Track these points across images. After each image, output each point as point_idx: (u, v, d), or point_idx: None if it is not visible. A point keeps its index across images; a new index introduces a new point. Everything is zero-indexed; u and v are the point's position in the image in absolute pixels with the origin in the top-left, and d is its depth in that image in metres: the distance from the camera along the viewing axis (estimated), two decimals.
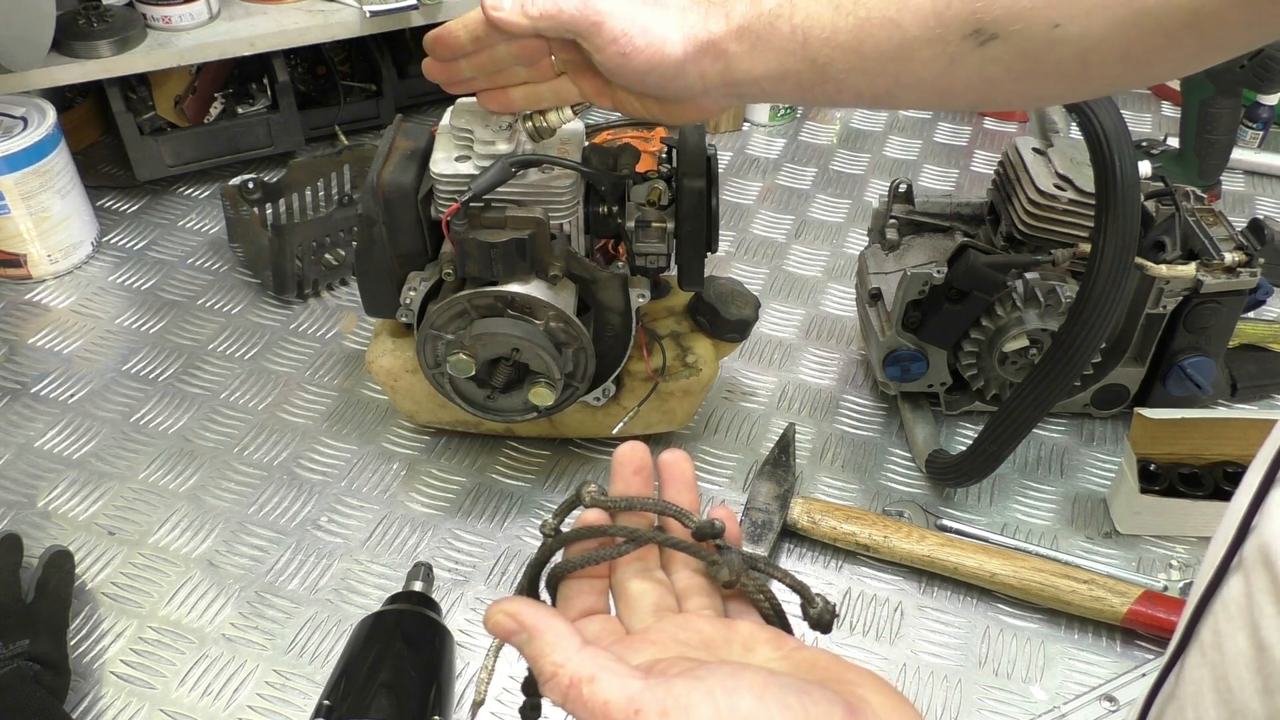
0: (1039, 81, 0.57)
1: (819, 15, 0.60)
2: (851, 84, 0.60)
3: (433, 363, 0.85)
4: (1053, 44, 0.54)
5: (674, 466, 0.51)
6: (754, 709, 0.39)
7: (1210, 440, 0.92)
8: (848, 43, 0.59)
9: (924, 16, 0.56)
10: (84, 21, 1.19)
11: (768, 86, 0.63)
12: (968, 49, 0.56)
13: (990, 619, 0.86)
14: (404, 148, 0.85)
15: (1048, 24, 0.54)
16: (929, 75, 0.58)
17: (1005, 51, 0.55)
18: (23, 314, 1.15)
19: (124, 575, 0.88)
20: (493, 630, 0.45)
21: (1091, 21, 0.53)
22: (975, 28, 0.55)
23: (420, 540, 0.92)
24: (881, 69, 0.58)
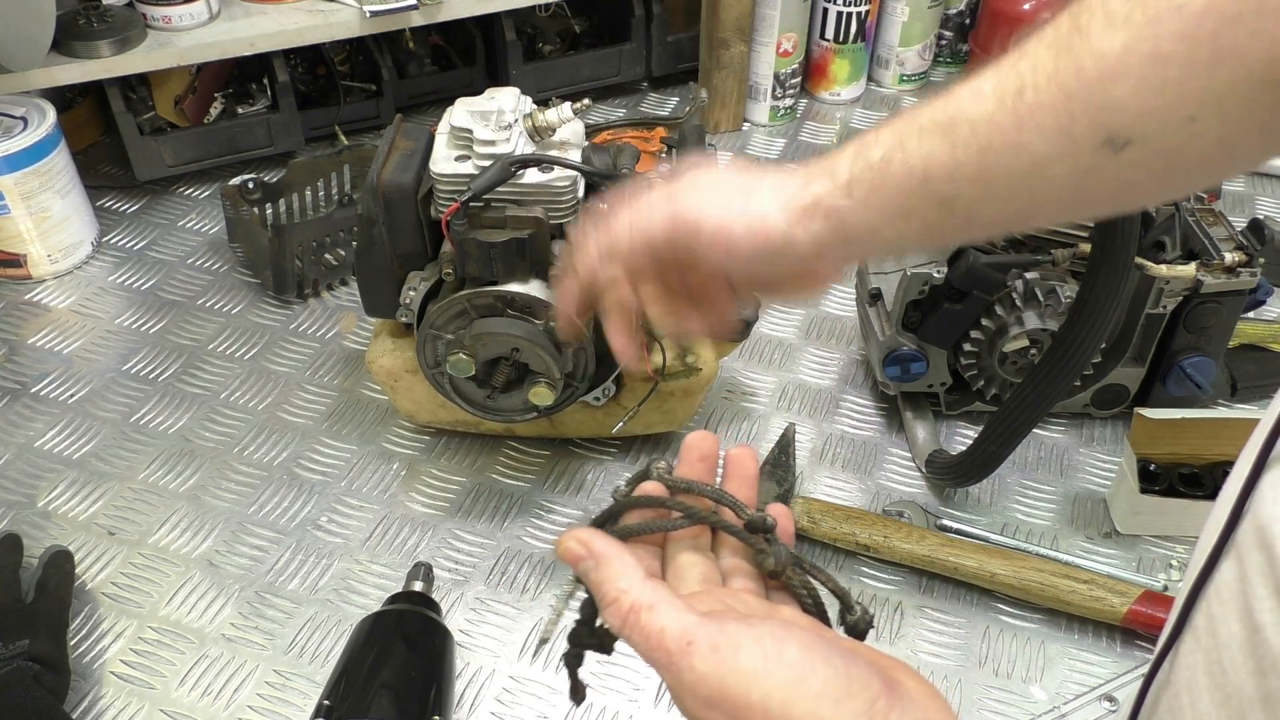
0: (1182, 176, 0.53)
1: (936, 152, 0.56)
2: (984, 214, 0.56)
3: (433, 363, 0.85)
4: (1191, 137, 0.51)
5: (739, 461, 0.54)
6: (800, 660, 0.42)
7: (1210, 440, 0.92)
8: (973, 174, 0.55)
9: (1050, 134, 0.53)
10: (84, 21, 1.19)
11: (889, 235, 0.57)
12: (1103, 159, 0.52)
13: (990, 619, 0.86)
14: (404, 148, 0.85)
15: (1183, 118, 0.50)
16: (1064, 191, 0.54)
17: (1143, 154, 0.52)
18: (23, 314, 1.15)
19: (124, 575, 0.88)
20: (562, 555, 0.48)
21: (1226, 106, 0.50)
22: (1107, 136, 0.52)
23: (420, 540, 0.92)
24: (1013, 193, 0.54)
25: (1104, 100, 0.51)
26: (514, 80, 1.40)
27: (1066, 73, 0.52)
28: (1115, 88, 0.51)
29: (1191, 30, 0.49)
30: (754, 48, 1.43)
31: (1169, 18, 0.50)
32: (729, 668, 0.42)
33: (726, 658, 0.42)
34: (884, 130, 0.57)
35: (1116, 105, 0.51)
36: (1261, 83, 0.49)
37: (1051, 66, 0.53)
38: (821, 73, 1.52)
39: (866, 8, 1.45)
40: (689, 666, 0.42)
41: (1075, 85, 0.52)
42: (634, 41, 1.48)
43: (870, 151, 0.57)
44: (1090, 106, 0.52)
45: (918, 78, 1.57)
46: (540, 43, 1.51)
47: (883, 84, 1.58)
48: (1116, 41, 0.51)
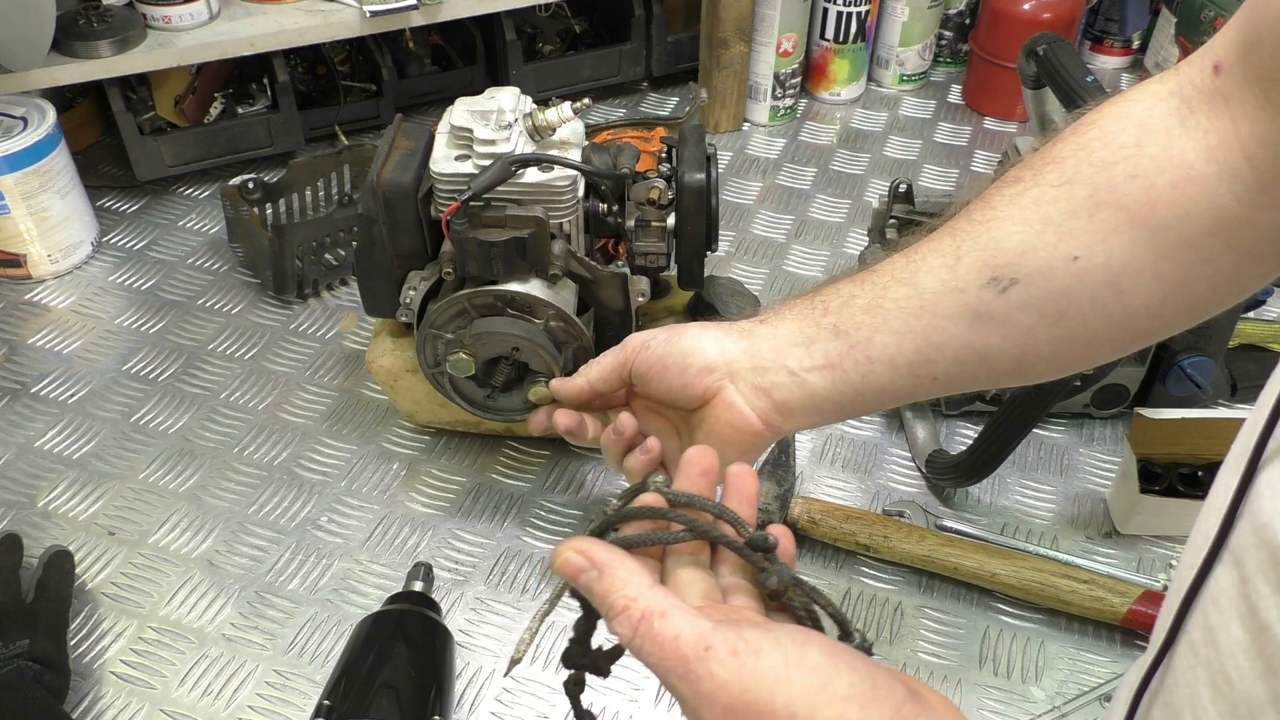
0: (1079, 324, 0.54)
1: (838, 289, 0.60)
2: (879, 346, 0.57)
3: (433, 362, 0.85)
4: (1078, 277, 0.52)
5: (739, 479, 0.53)
6: (823, 663, 0.41)
7: (1210, 440, 0.92)
8: (865, 303, 0.58)
9: (936, 270, 0.56)
10: (84, 21, 1.19)
11: (793, 362, 0.59)
12: (990, 297, 0.54)
13: (990, 619, 0.86)
14: (404, 148, 0.85)
15: (1066, 258, 0.52)
16: (959, 331, 0.56)
17: (1031, 295, 0.54)
18: (23, 314, 1.15)
19: (124, 575, 0.88)
20: (561, 568, 0.46)
21: (1110, 247, 0.51)
22: (993, 274, 0.54)
23: (420, 540, 0.92)
24: (905, 326, 0.57)
25: (986, 240, 0.55)
26: (514, 80, 1.40)
27: (959, 222, 0.57)
28: (997, 229, 0.55)
29: (1071, 175, 0.53)
30: (754, 48, 1.43)
31: (1051, 169, 0.54)
32: (750, 672, 0.40)
33: (747, 662, 0.40)
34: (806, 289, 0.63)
35: (998, 244, 0.54)
36: (1144, 225, 0.51)
37: (949, 223, 0.58)
38: (821, 73, 1.52)
39: (866, 8, 1.45)
40: (708, 673, 0.40)
41: (963, 229, 0.56)
42: (634, 41, 1.48)
43: (789, 300, 0.63)
44: (974, 246, 0.55)
45: (918, 78, 1.57)
46: (540, 43, 1.51)
47: (883, 84, 1.58)
48: (1005, 194, 0.55)
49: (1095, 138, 0.53)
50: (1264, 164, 0.47)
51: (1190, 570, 0.43)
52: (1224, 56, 0.49)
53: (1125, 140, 0.51)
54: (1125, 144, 0.51)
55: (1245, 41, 0.47)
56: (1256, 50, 0.46)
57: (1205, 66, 0.50)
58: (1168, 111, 0.51)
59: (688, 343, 0.63)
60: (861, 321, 0.58)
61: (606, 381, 0.68)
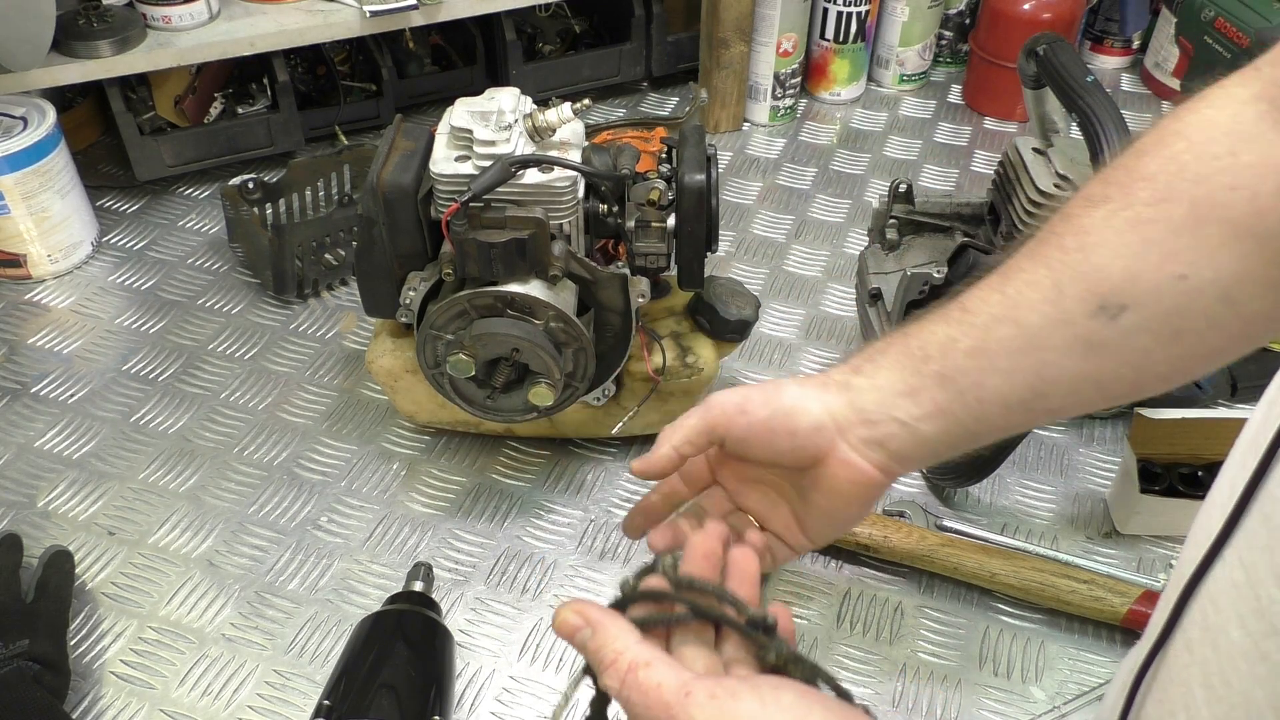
0: (1196, 340, 0.52)
1: (933, 330, 0.57)
2: (991, 389, 0.55)
3: (433, 363, 0.85)
4: (1189, 296, 0.51)
5: (740, 562, 0.55)
6: (796, 703, 0.44)
7: (1210, 440, 0.92)
8: (968, 346, 0.55)
9: (1038, 306, 0.53)
10: (84, 21, 1.19)
11: (901, 414, 0.57)
12: (1099, 326, 0.52)
13: (990, 619, 0.86)
14: (404, 148, 0.85)
15: (1174, 278, 0.50)
16: (1071, 363, 0.53)
17: (1143, 318, 0.52)
18: (23, 314, 1.15)
19: (124, 575, 0.88)
20: (559, 627, 0.50)
21: (1218, 262, 0.50)
22: (1100, 304, 0.52)
23: (420, 540, 0.92)
24: (1014, 365, 0.54)
25: (1087, 269, 0.52)
26: (514, 80, 1.40)
27: (1048, 249, 0.54)
28: (1096, 255, 0.52)
29: (1166, 194, 0.50)
30: (754, 48, 1.43)
31: (1142, 186, 0.51)
32: (728, 713, 0.43)
33: (725, 704, 0.44)
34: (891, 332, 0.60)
35: (1101, 273, 0.52)
36: (1252, 236, 0.49)
37: (1034, 248, 0.55)
38: (821, 73, 1.52)
39: (866, 8, 1.45)
40: (687, 717, 0.44)
41: (1057, 258, 0.53)
42: (634, 41, 1.48)
43: (876, 345, 0.59)
44: (1075, 276, 0.53)
45: (918, 78, 1.57)
46: (540, 43, 1.51)
47: (883, 84, 1.58)
48: (1095, 216, 0.53)
49: (1184, 150, 0.51)
50: None
51: (1189, 566, 0.43)
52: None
53: (1218, 150, 0.50)
54: (1219, 154, 0.49)
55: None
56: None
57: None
58: (1257, 116, 0.49)
59: (789, 402, 0.59)
60: (967, 366, 0.55)
61: (694, 445, 0.62)
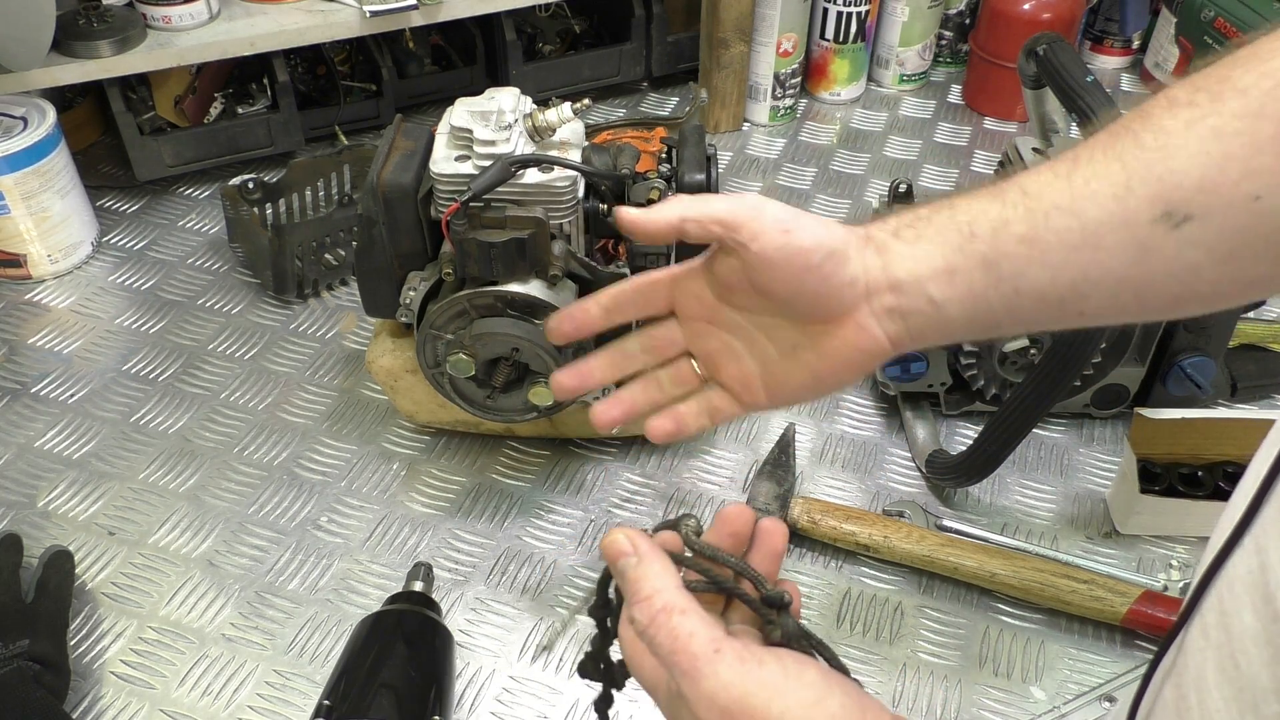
0: (1249, 263, 0.50)
1: (984, 208, 0.53)
2: (1031, 280, 0.52)
3: (433, 363, 0.85)
4: (1257, 218, 0.48)
5: (769, 536, 0.55)
6: (819, 681, 0.45)
7: (1210, 440, 0.92)
8: (1022, 232, 0.52)
9: (1104, 201, 0.50)
10: (84, 21, 1.19)
11: (934, 290, 0.53)
12: (1161, 233, 0.49)
13: (990, 619, 0.86)
14: (404, 148, 0.85)
15: (1248, 197, 0.48)
16: (1119, 266, 0.51)
17: (1205, 232, 0.49)
18: (23, 314, 1.15)
19: (124, 575, 0.88)
20: (607, 546, 0.50)
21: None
22: (1166, 209, 0.49)
23: (420, 540, 0.92)
24: (1064, 260, 0.51)
25: (1162, 171, 0.49)
26: (514, 80, 1.40)
27: (1124, 144, 0.50)
28: (1174, 160, 0.49)
29: (1257, 108, 0.48)
30: (754, 48, 1.43)
31: (1233, 97, 0.48)
32: (754, 679, 0.44)
33: (751, 670, 0.44)
34: (938, 198, 0.55)
35: (1176, 178, 0.49)
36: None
37: (1108, 140, 0.51)
38: (821, 73, 1.52)
39: (866, 8, 1.45)
40: (713, 672, 0.44)
41: (1133, 155, 0.50)
42: (634, 41, 1.48)
43: (920, 210, 0.55)
44: (1148, 178, 0.50)
45: (918, 78, 1.57)
46: (540, 43, 1.51)
47: (883, 84, 1.58)
48: (1178, 119, 0.49)
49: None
50: None
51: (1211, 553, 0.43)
52: None
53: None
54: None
55: None
56: None
57: None
58: None
59: (836, 244, 0.54)
60: (1016, 253, 0.52)
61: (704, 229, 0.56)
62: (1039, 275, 0.52)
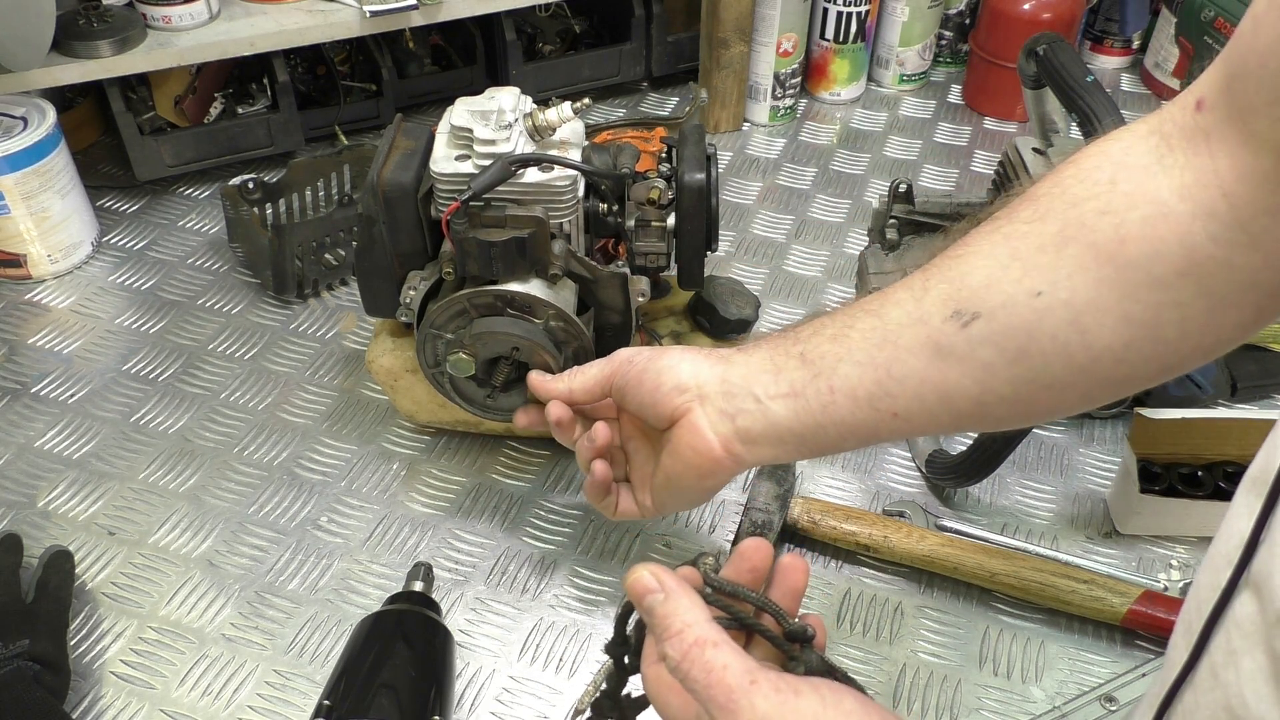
0: (1040, 364, 0.53)
1: (813, 322, 0.62)
2: (842, 377, 0.58)
3: (432, 362, 0.85)
4: (1039, 314, 0.52)
5: (790, 573, 0.56)
6: (856, 710, 0.45)
7: (1210, 440, 0.92)
8: (835, 333, 0.59)
9: (904, 303, 0.57)
10: (84, 21, 1.19)
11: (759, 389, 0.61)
12: (952, 331, 0.54)
13: (990, 619, 0.86)
14: (404, 147, 0.85)
15: (1029, 293, 0.52)
16: (920, 365, 0.56)
17: (992, 329, 0.53)
18: (23, 314, 1.15)
19: (124, 575, 0.88)
20: (632, 585, 0.50)
21: (1075, 284, 0.51)
22: (955, 308, 0.54)
23: (420, 540, 0.92)
24: (869, 357, 0.57)
25: (955, 274, 0.55)
26: (514, 80, 1.40)
27: (936, 259, 0.57)
28: (967, 263, 0.55)
29: (1042, 212, 0.53)
30: (754, 48, 1.43)
31: (1022, 205, 0.54)
32: (790, 709, 0.44)
33: (788, 699, 0.45)
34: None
35: (964, 278, 0.55)
36: (1111, 262, 0.50)
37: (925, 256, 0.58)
38: (821, 73, 1.52)
39: (866, 8, 1.45)
40: (749, 704, 0.44)
41: (937, 263, 0.57)
42: (634, 41, 1.48)
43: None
44: (943, 279, 0.56)
45: (918, 78, 1.57)
46: (540, 43, 1.51)
47: (883, 84, 1.58)
48: (981, 232, 0.56)
49: (1071, 175, 0.53)
50: (1242, 200, 0.46)
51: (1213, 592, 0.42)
52: (1207, 92, 0.48)
53: (1100, 178, 0.51)
54: (1100, 181, 0.51)
55: (1230, 74, 0.46)
56: (1240, 81, 0.45)
57: (1188, 104, 0.49)
58: (1146, 150, 0.50)
59: (665, 361, 0.65)
60: (827, 351, 0.59)
61: (588, 392, 0.70)
62: (848, 372, 0.58)
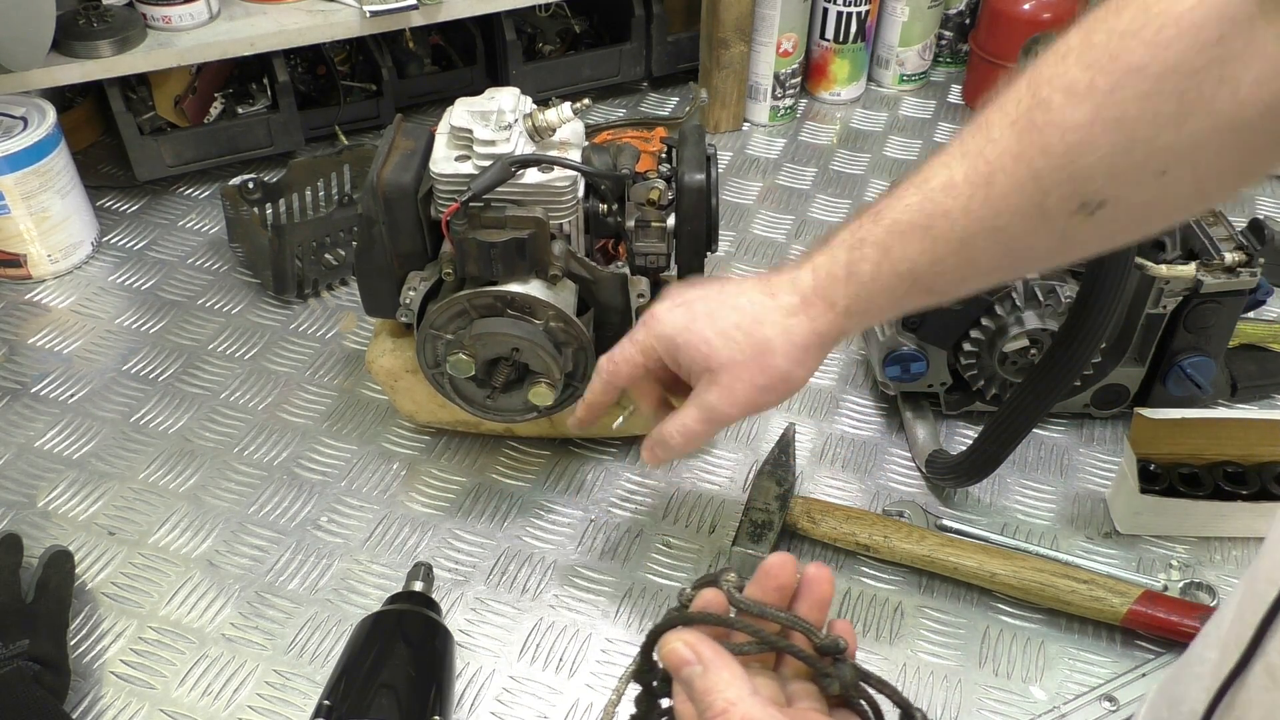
0: (1160, 220, 0.55)
1: (920, 253, 0.58)
2: (967, 289, 0.60)
3: (432, 363, 0.85)
4: (1165, 189, 0.52)
5: (816, 584, 0.54)
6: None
7: (1210, 440, 0.92)
8: (956, 264, 0.57)
9: (1025, 213, 0.54)
10: (84, 21, 1.19)
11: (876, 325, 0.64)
12: (1079, 222, 0.54)
13: (990, 619, 0.86)
14: (404, 148, 0.85)
15: (1154, 173, 0.51)
16: (1044, 255, 0.57)
17: (1117, 212, 0.53)
18: (23, 314, 1.15)
19: (124, 575, 0.88)
20: (667, 657, 0.49)
21: (1198, 157, 0.50)
22: (1081, 202, 0.53)
23: (420, 540, 0.92)
24: (995, 268, 0.58)
25: (1074, 172, 0.53)
26: (514, 80, 1.40)
27: (1033, 151, 0.53)
28: (1084, 157, 0.52)
29: (1155, 89, 0.50)
30: (754, 48, 1.43)
31: (1131, 81, 0.50)
32: None
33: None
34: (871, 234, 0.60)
35: (1087, 174, 0.52)
36: (1231, 128, 0.49)
37: (1017, 147, 0.54)
38: (821, 73, 1.52)
39: (866, 8, 1.45)
40: None
41: (1043, 164, 0.53)
42: (634, 41, 1.48)
43: (861, 267, 0.61)
44: (1061, 181, 0.53)
45: (918, 78, 1.57)
46: (540, 43, 1.51)
47: (883, 84, 1.58)
48: (1081, 113, 0.52)
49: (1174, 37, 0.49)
50: None
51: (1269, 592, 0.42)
52: None
53: (1207, 38, 0.48)
54: (1208, 42, 0.48)
55: None
56: None
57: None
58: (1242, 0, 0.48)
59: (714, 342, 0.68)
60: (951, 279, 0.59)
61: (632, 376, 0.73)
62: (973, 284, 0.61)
